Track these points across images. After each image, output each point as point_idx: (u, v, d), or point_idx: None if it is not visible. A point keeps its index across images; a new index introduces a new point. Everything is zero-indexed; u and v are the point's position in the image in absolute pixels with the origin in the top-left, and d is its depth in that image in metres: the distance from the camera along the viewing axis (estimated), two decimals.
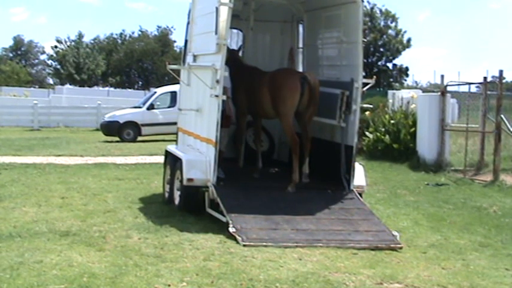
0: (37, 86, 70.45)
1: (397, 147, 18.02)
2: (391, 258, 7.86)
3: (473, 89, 18.10)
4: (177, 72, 11.57)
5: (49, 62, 75.46)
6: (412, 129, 17.93)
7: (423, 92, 24.45)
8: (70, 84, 65.46)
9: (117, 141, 25.24)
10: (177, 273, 6.82)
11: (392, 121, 18.72)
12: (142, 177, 13.93)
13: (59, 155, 18.60)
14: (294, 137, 10.02)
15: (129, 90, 65.03)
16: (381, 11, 58.58)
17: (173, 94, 24.93)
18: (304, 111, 10.18)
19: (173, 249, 7.73)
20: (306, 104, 10.08)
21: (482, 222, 10.32)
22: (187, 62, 11.12)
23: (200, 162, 9.70)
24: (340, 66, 10.90)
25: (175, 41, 75.70)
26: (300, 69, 12.34)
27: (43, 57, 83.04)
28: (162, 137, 25.09)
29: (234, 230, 8.38)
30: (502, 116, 15.23)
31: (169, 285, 6.46)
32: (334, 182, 10.23)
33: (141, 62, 74.97)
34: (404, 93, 21.80)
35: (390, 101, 21.56)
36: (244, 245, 7.98)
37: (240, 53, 12.15)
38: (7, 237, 8.17)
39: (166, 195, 10.94)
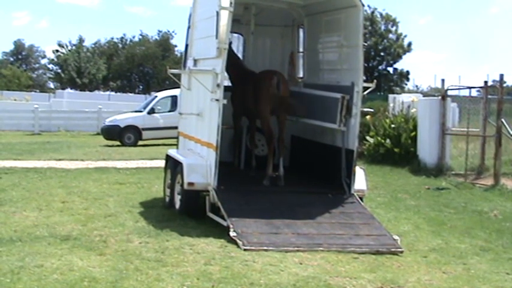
0: (38, 90, 70.52)
1: (397, 151, 18.01)
2: (392, 263, 7.86)
3: (474, 93, 18.13)
4: (178, 76, 11.59)
5: (50, 66, 75.63)
6: (413, 133, 17.94)
7: (424, 96, 24.48)
8: (71, 89, 65.60)
9: (118, 146, 25.25)
10: (178, 277, 6.81)
11: (393, 125, 18.73)
12: (143, 182, 13.92)
13: (60, 159, 18.59)
14: (270, 131, 10.48)
15: (130, 94, 65.18)
16: (381, 15, 58.69)
17: (174, 98, 24.95)
18: (278, 110, 10.48)
19: (174, 254, 7.73)
20: (279, 103, 10.40)
21: (483, 227, 10.31)
22: (188, 66, 11.13)
23: (201, 166, 9.70)
24: (341, 70, 10.91)
25: (176, 46, 75.90)
26: (301, 74, 12.38)
27: (44, 61, 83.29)
28: (163, 141, 25.11)
29: (234, 234, 8.38)
30: (503, 120, 15.22)
31: None
32: (334, 186, 10.23)
33: (141, 66, 75.02)
34: (405, 98, 21.84)
35: (391, 105, 21.59)
36: (245, 249, 7.97)
37: (240, 56, 12.21)
38: (8, 242, 8.17)
39: (167, 199, 10.93)
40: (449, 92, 17.20)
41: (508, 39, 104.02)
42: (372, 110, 16.07)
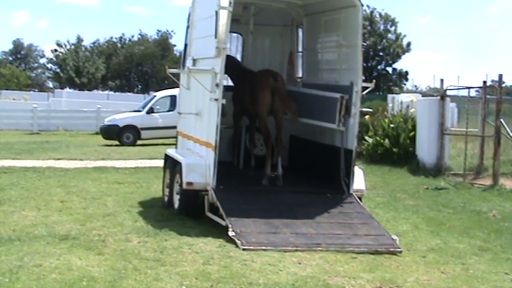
0: (37, 90, 70.47)
1: (396, 151, 18.02)
2: (390, 263, 7.86)
3: (473, 93, 18.14)
4: (177, 76, 11.60)
5: (49, 65, 75.57)
6: (412, 133, 17.95)
7: (423, 96, 24.45)
8: (70, 88, 65.55)
9: (117, 145, 25.24)
10: (177, 277, 6.81)
11: (391, 125, 18.73)
12: (141, 181, 13.92)
13: (59, 159, 18.59)
14: (267, 131, 10.53)
15: (129, 94, 65.11)
16: (380, 15, 58.75)
17: (173, 98, 24.95)
18: (276, 111, 10.52)
19: (172, 253, 7.73)
20: (278, 103, 10.44)
21: (481, 227, 10.32)
22: (187, 66, 11.13)
23: (200, 166, 9.70)
24: (340, 70, 10.91)
25: (175, 45, 75.80)
26: (300, 73, 12.38)
27: (43, 60, 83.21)
28: (162, 140, 25.11)
29: (233, 233, 8.37)
30: (502, 120, 15.23)
31: None
32: (333, 186, 10.23)
33: (140, 66, 74.96)
34: (404, 97, 21.82)
35: (390, 105, 21.58)
36: (243, 249, 7.97)
37: (239, 57, 12.23)
38: (6, 241, 8.16)
39: (166, 199, 10.93)
40: (448, 92, 17.21)
41: (508, 40, 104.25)
42: (370, 110, 16.09)
